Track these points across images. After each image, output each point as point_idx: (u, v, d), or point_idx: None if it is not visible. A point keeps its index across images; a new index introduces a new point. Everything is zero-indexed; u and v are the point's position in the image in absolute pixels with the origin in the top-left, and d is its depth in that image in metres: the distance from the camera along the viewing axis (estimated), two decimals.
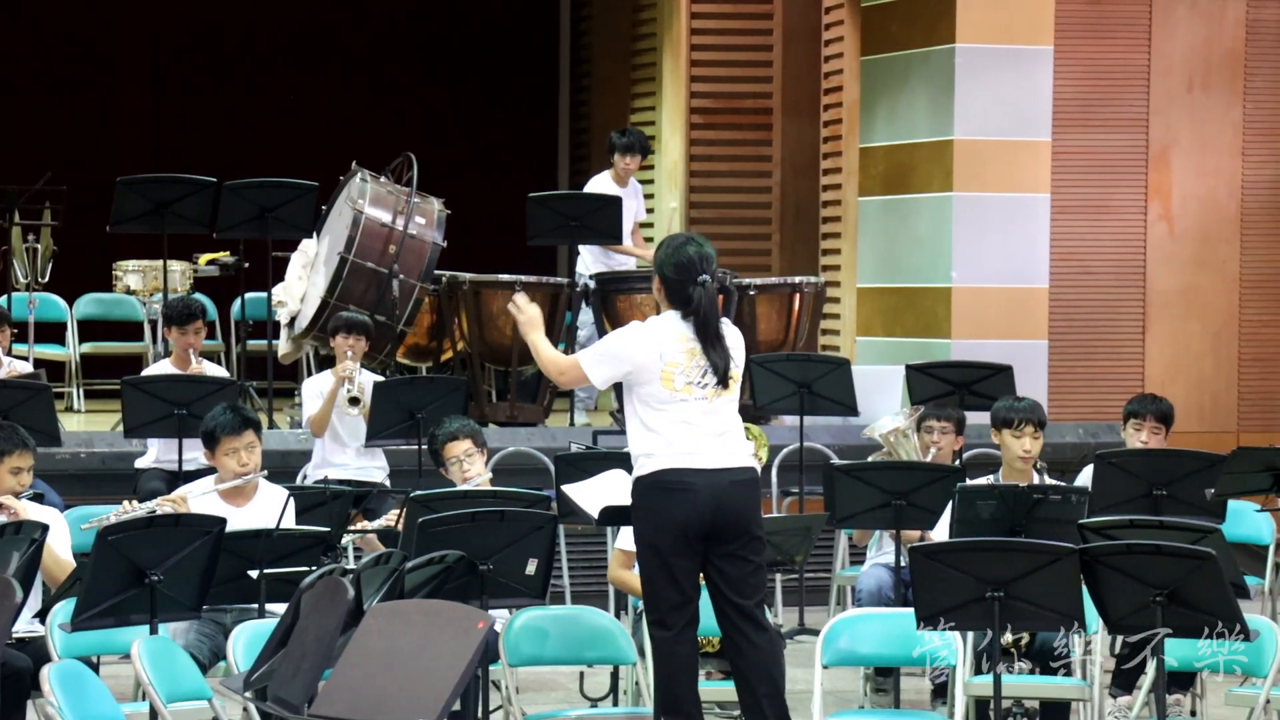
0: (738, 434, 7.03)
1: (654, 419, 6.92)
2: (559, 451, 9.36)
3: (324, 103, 15.08)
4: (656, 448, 6.91)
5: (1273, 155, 12.35)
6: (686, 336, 6.96)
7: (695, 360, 6.95)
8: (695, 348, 6.95)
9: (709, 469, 6.89)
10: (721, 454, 6.93)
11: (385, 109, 15.15)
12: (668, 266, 7.00)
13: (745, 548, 6.96)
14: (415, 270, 10.96)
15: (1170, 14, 12.18)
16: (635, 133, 12.27)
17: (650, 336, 7.00)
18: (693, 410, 6.91)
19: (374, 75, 15.29)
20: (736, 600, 6.96)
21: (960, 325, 11.81)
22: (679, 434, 6.89)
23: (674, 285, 6.99)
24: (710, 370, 6.93)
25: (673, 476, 6.88)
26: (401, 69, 15.42)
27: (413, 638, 4.99)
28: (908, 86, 12.12)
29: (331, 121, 14.91)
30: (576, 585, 9.81)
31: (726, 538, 6.92)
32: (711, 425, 6.93)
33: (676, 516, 6.86)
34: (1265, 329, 12.34)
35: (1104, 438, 10.95)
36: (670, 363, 6.92)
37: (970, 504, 7.76)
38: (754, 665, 6.94)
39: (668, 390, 6.92)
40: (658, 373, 6.92)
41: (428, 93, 15.47)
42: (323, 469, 9.77)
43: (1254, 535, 9.10)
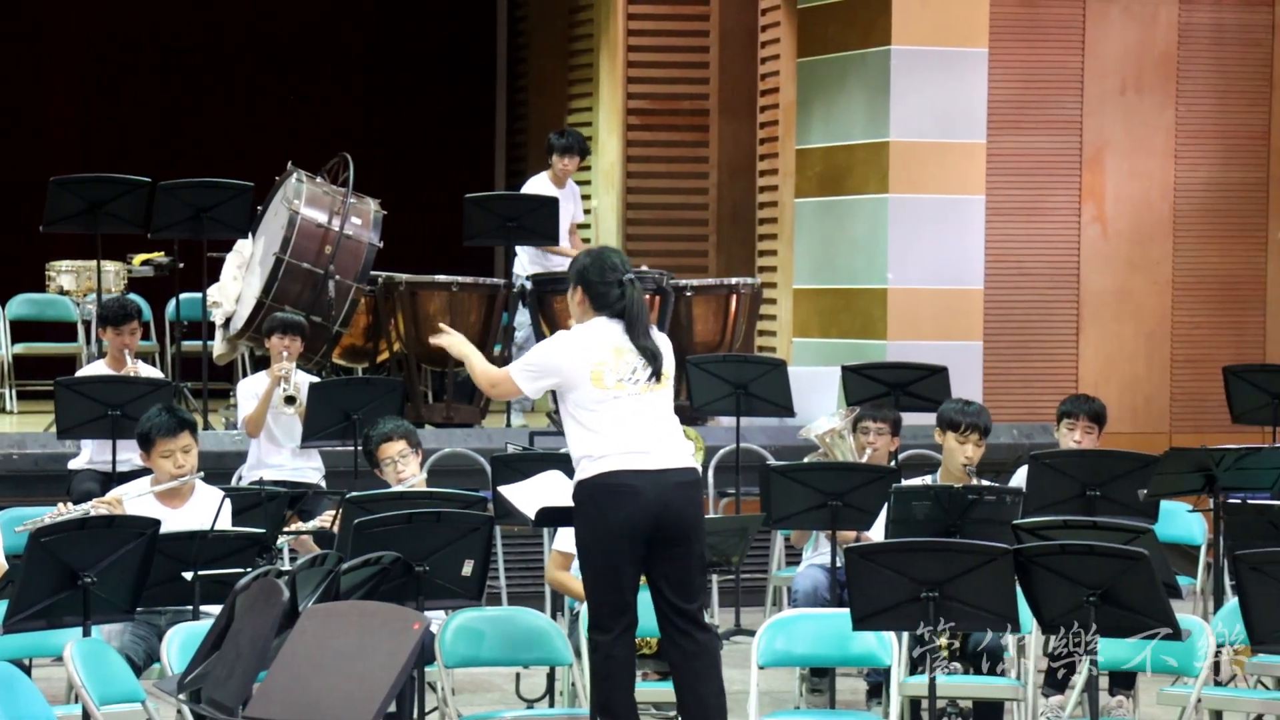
0: (676, 431, 7.03)
1: (590, 419, 6.92)
2: (495, 452, 9.35)
3: (259, 103, 15.02)
4: (596, 448, 6.90)
5: (1205, 157, 12.44)
6: (613, 336, 6.97)
7: (623, 358, 6.95)
8: (622, 345, 6.96)
9: (652, 469, 6.89)
10: (664, 453, 6.92)
11: (321, 109, 15.10)
12: (591, 272, 7.03)
13: (689, 550, 6.97)
14: (351, 271, 10.93)
15: (1103, 17, 12.25)
16: (574, 134, 12.27)
17: (575, 342, 7.01)
18: (627, 407, 6.91)
19: (310, 75, 15.24)
20: (679, 603, 6.96)
21: (896, 326, 11.85)
22: (618, 432, 6.89)
23: (599, 289, 7.00)
24: (640, 367, 6.94)
25: (616, 480, 6.86)
26: (338, 69, 15.37)
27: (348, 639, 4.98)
28: (844, 88, 12.15)
29: (267, 122, 14.85)
30: (513, 586, 9.80)
31: (671, 540, 6.92)
32: (649, 421, 6.93)
33: (622, 520, 6.85)
34: (1197, 330, 12.43)
35: (1038, 438, 11.00)
36: (598, 362, 6.93)
37: (905, 505, 7.79)
38: (695, 666, 6.95)
39: (599, 389, 6.92)
40: (587, 374, 6.93)
41: (364, 93, 15.43)
42: (258, 470, 9.74)
43: (1186, 535, 9.16)
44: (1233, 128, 12.45)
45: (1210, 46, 12.40)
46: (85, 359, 11.63)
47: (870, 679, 8.36)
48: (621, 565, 6.89)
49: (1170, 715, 7.45)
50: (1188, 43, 12.37)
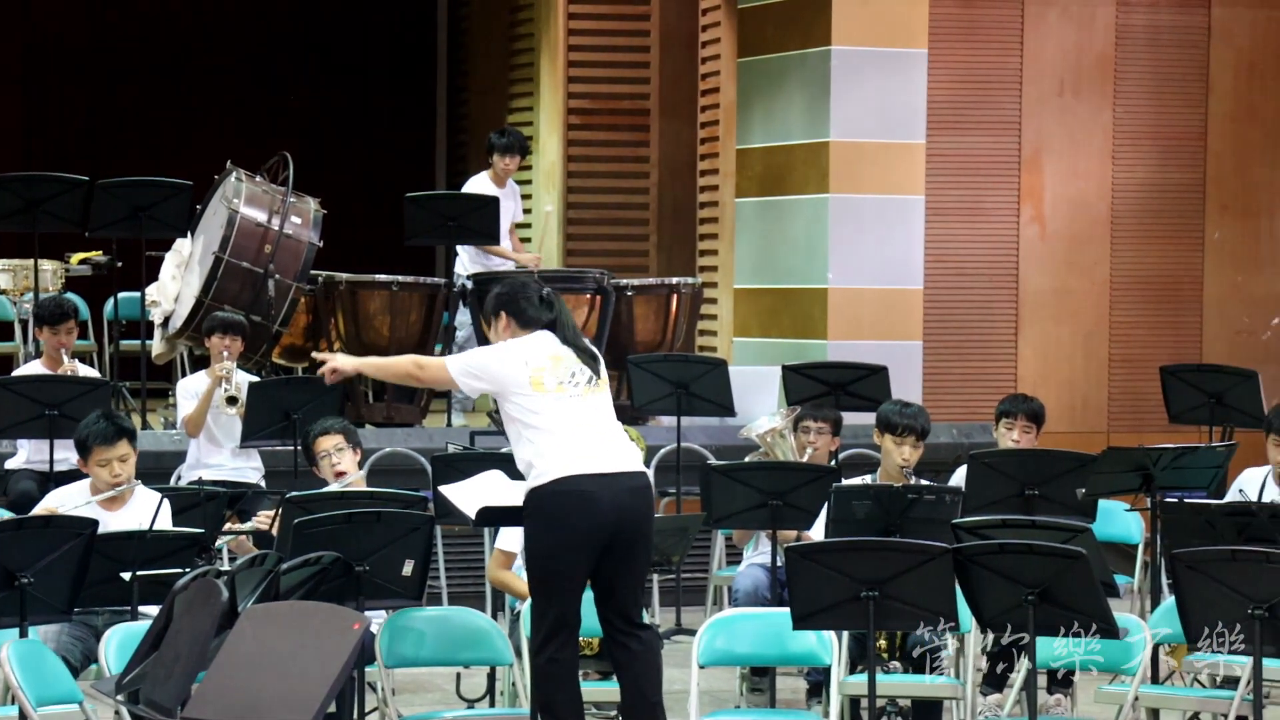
0: (621, 434, 7.03)
1: (536, 422, 6.89)
2: (436, 452, 9.34)
3: (199, 101, 14.96)
4: (546, 450, 6.84)
5: (1142, 158, 12.51)
6: (547, 346, 6.98)
7: (561, 364, 6.95)
8: (558, 353, 6.97)
9: (605, 474, 6.84)
10: (613, 456, 6.90)
11: (261, 108, 15.05)
12: (508, 298, 7.03)
13: (639, 556, 6.97)
14: (291, 270, 10.90)
15: (1042, 19, 12.32)
16: (514, 133, 12.26)
17: (514, 349, 7.00)
18: (572, 408, 6.90)
19: (250, 73, 15.19)
20: (625, 607, 6.95)
21: (836, 326, 11.89)
22: (565, 434, 6.86)
23: (522, 307, 7.02)
24: (578, 371, 6.94)
25: (571, 485, 6.81)
26: (279, 67, 15.32)
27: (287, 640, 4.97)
28: (784, 89, 12.18)
29: (206, 120, 14.80)
30: (454, 586, 9.79)
31: (624, 547, 6.89)
32: (594, 423, 6.92)
33: (580, 528, 6.81)
34: (1134, 330, 12.50)
35: (977, 438, 11.04)
36: (537, 367, 6.92)
37: (846, 504, 7.81)
38: (638, 667, 6.95)
39: (540, 393, 6.90)
40: (526, 380, 6.91)
41: (304, 92, 15.38)
42: (197, 470, 9.70)
43: (1124, 534, 9.21)
44: (1169, 129, 12.52)
45: (1147, 49, 12.48)
46: (22, 358, 11.55)
47: (810, 678, 8.38)
48: (574, 574, 6.87)
49: (1108, 713, 7.50)
50: (1125, 45, 12.44)
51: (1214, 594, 6.39)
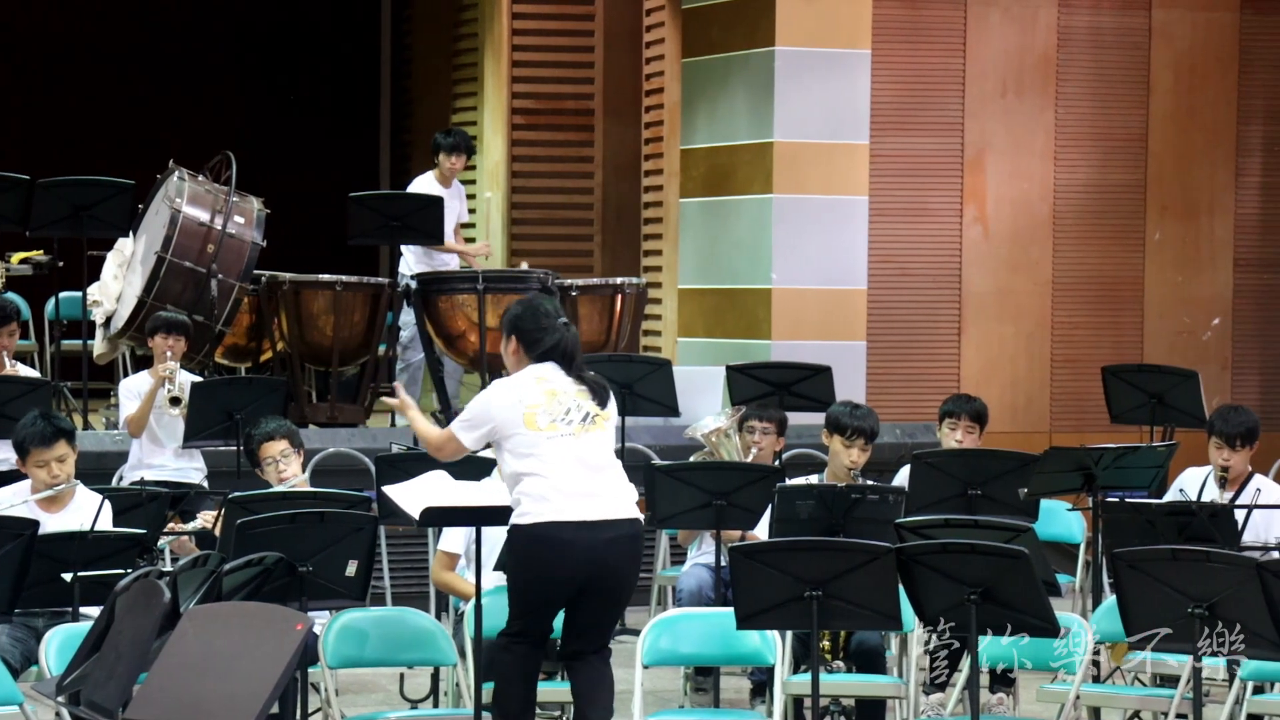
0: (617, 474, 6.91)
1: (527, 464, 6.81)
2: (380, 452, 9.32)
3: (141, 100, 14.89)
4: (530, 490, 6.79)
5: (1084, 159, 12.57)
6: (545, 378, 6.90)
7: (557, 399, 6.87)
8: (557, 388, 6.88)
9: (589, 521, 6.78)
10: (602, 503, 6.82)
11: (204, 106, 14.99)
12: (525, 320, 6.97)
13: (616, 601, 6.96)
14: (234, 270, 10.86)
15: (984, 20, 12.37)
16: (460, 133, 12.24)
17: (507, 388, 6.93)
18: (563, 447, 6.81)
19: (192, 72, 15.13)
20: (591, 636, 6.94)
21: (780, 326, 11.91)
22: (555, 475, 6.78)
23: (533, 335, 6.94)
24: (574, 408, 6.86)
25: (550, 532, 6.76)
26: (221, 66, 15.27)
27: (230, 640, 4.96)
28: (728, 89, 12.20)
29: (148, 119, 14.73)
30: (397, 587, 9.77)
31: (600, 592, 6.87)
32: (587, 463, 6.82)
33: (553, 575, 6.80)
34: (1076, 330, 12.56)
35: (921, 438, 11.08)
36: (531, 405, 6.84)
37: (790, 504, 7.83)
38: (592, 690, 6.94)
39: (533, 431, 6.81)
40: (520, 417, 6.83)
41: (247, 90, 15.33)
42: (139, 470, 9.66)
43: (1065, 534, 9.25)
44: (1111, 130, 12.59)
45: (1089, 50, 12.54)
46: None
47: (754, 678, 8.39)
48: (547, 609, 6.89)
49: (1050, 712, 7.53)
50: (1067, 46, 12.50)
51: (1154, 593, 6.42)
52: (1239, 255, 12.80)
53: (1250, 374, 12.78)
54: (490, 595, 7.13)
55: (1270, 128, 12.81)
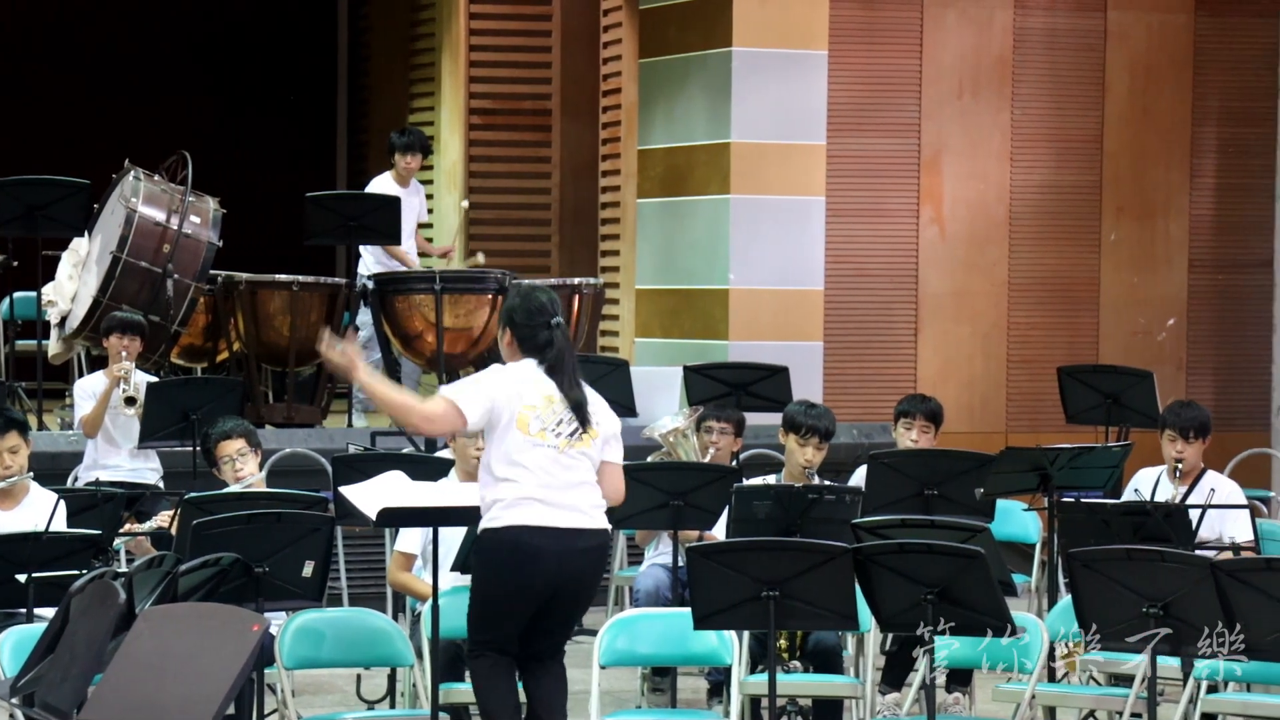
0: (592, 490, 6.84)
1: (504, 468, 6.75)
2: (337, 453, 9.30)
3: (96, 99, 14.83)
4: (504, 495, 6.74)
5: (1039, 160, 12.62)
6: (542, 382, 6.84)
7: (552, 407, 6.81)
8: (553, 394, 6.83)
9: (558, 529, 6.73)
10: (572, 512, 6.77)
11: (160, 106, 14.94)
12: (518, 313, 6.89)
13: (576, 612, 6.95)
14: (190, 270, 10.83)
15: (940, 22, 12.40)
16: (415, 132, 12.23)
17: (511, 378, 6.84)
18: (545, 457, 6.76)
19: (148, 71, 15.07)
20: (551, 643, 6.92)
21: (737, 327, 11.92)
22: (531, 482, 6.73)
23: (525, 331, 6.87)
24: (566, 420, 6.79)
25: (520, 537, 6.71)
26: (176, 64, 15.22)
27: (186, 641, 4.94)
28: (685, 89, 12.21)
29: (104, 118, 14.67)
30: (354, 587, 9.75)
31: (563, 603, 6.85)
32: (565, 477, 6.77)
33: (521, 581, 6.76)
34: (1032, 331, 12.60)
35: (878, 438, 11.10)
36: (527, 405, 6.77)
37: (747, 504, 7.84)
38: (547, 696, 6.94)
39: (522, 434, 6.75)
40: (514, 415, 6.76)
41: (203, 90, 15.28)
42: (94, 471, 9.62)
43: (1021, 534, 9.29)
44: (1066, 131, 12.64)
45: (1044, 51, 12.58)
46: None
47: (711, 678, 8.40)
48: (511, 617, 6.83)
49: (1005, 711, 7.56)
50: (1022, 47, 12.54)
51: (1110, 593, 6.45)
52: (1194, 256, 12.86)
53: (1205, 374, 12.84)
54: (447, 596, 7.12)
55: (1224, 129, 12.87)
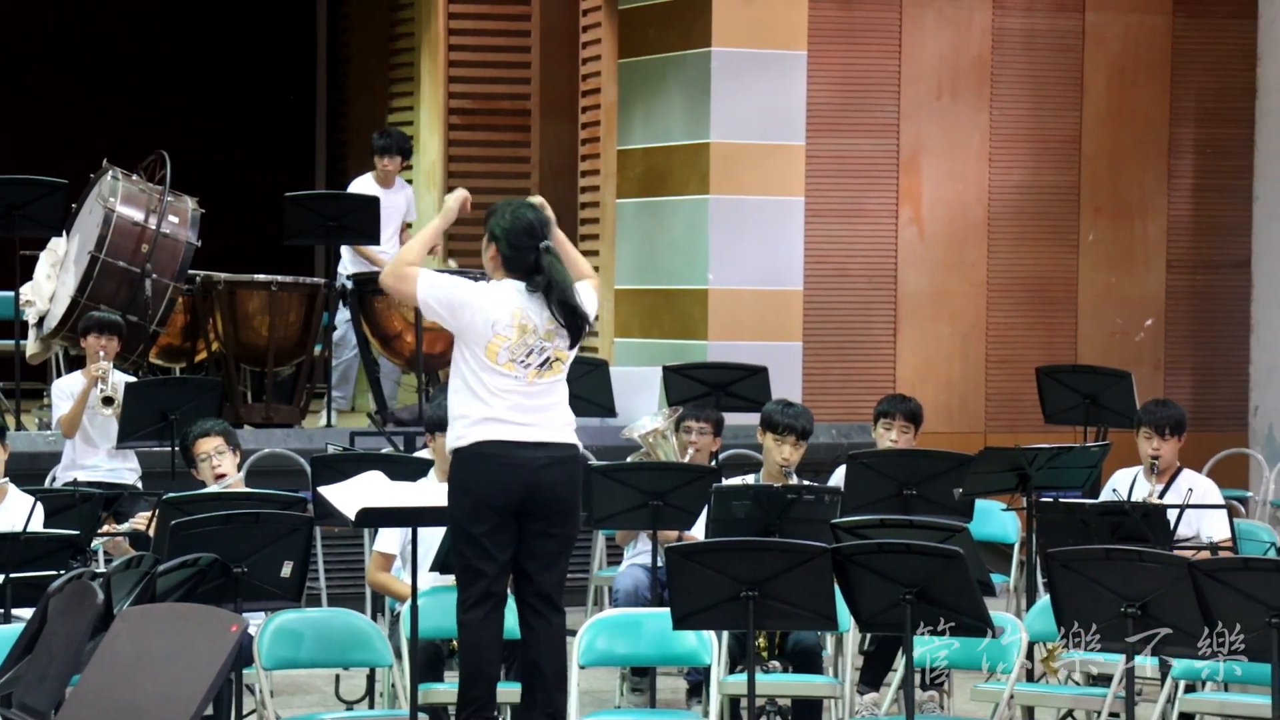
0: (560, 410, 6.96)
1: (474, 383, 6.87)
2: (315, 453, 9.29)
3: (75, 99, 14.80)
4: (469, 413, 6.87)
5: (1018, 161, 12.63)
6: (523, 310, 6.87)
7: (524, 338, 6.89)
8: (529, 324, 6.88)
9: (525, 442, 6.85)
10: (540, 429, 6.89)
11: (138, 106, 14.92)
12: (507, 230, 6.88)
13: (559, 529, 6.96)
14: (168, 270, 10.81)
15: (919, 22, 12.41)
16: (395, 134, 12.21)
17: (490, 301, 6.88)
18: (510, 386, 6.87)
19: (127, 71, 15.05)
20: (541, 583, 6.94)
21: (717, 327, 11.93)
22: (494, 409, 6.85)
23: (511, 252, 6.89)
24: (537, 350, 6.87)
25: (486, 449, 6.83)
26: (156, 65, 15.19)
27: (164, 642, 4.94)
28: (664, 90, 12.21)
29: (82, 118, 14.64)
30: (333, 588, 9.74)
31: (542, 517, 6.91)
32: (528, 405, 6.89)
33: (490, 489, 6.83)
34: (1011, 331, 12.62)
35: (857, 438, 11.11)
36: (499, 335, 6.86)
37: (726, 504, 7.84)
38: (545, 649, 6.95)
39: (489, 361, 6.86)
40: (484, 340, 6.85)
41: (182, 89, 15.26)
42: (73, 471, 9.61)
43: (1000, 534, 9.30)
44: (1045, 132, 12.66)
45: (1023, 52, 12.60)
46: None
47: (690, 678, 8.40)
48: (485, 538, 6.84)
49: (984, 711, 7.57)
50: (1001, 48, 12.56)
51: (1088, 592, 6.46)
52: (1172, 256, 12.89)
53: (1183, 375, 12.87)
54: (426, 596, 7.12)
55: (1202, 130, 12.90)
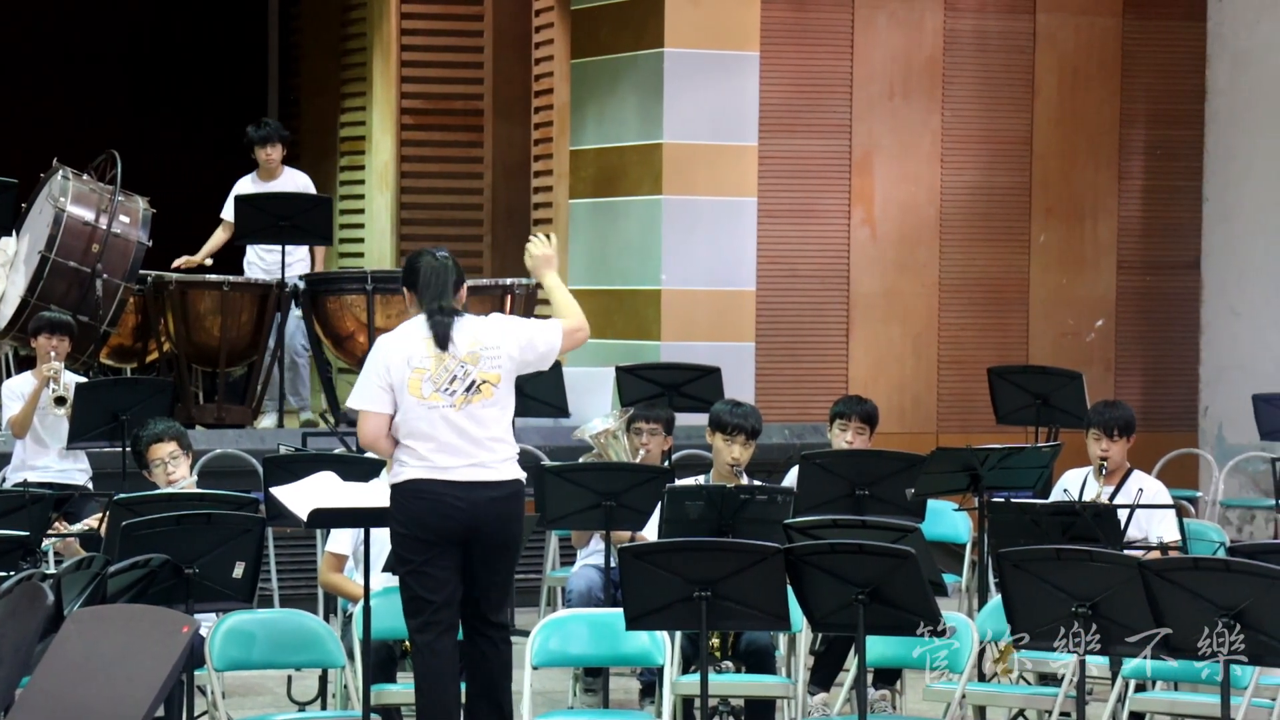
0: (500, 445, 6.93)
1: (405, 434, 6.86)
2: (267, 453, 9.27)
3: (24, 97, 14.74)
4: (402, 455, 6.88)
5: (969, 162, 12.67)
6: (430, 339, 6.93)
7: (444, 364, 6.91)
8: (441, 351, 6.92)
9: (463, 482, 6.84)
10: (477, 468, 6.86)
11: (88, 105, 14.86)
12: (407, 270, 7.07)
13: (503, 563, 6.98)
14: (119, 270, 10.78)
15: (871, 23, 12.44)
16: (270, 122, 12.03)
17: (396, 344, 6.95)
18: (441, 419, 6.85)
19: (77, 70, 14.99)
20: (489, 614, 6.96)
21: (669, 327, 11.94)
22: (426, 448, 6.83)
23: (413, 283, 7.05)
24: (460, 376, 6.88)
25: (424, 486, 6.83)
26: (106, 64, 15.14)
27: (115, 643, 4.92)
28: (617, 90, 12.21)
29: (32, 117, 14.58)
30: (285, 589, 9.72)
31: (486, 551, 6.91)
32: (466, 435, 6.86)
33: (429, 523, 6.82)
34: (963, 332, 12.66)
35: (809, 439, 11.13)
36: (417, 369, 6.88)
37: (679, 504, 7.85)
38: (492, 669, 6.95)
39: (415, 398, 6.86)
40: (405, 381, 6.87)
41: (133, 89, 15.21)
42: (22, 472, 9.57)
43: (952, 534, 9.33)
44: (996, 133, 12.70)
45: (974, 53, 12.64)
46: None
47: (643, 678, 8.41)
48: (433, 571, 6.85)
49: (936, 710, 7.59)
50: (953, 49, 12.60)
51: (1039, 592, 6.48)
52: (1122, 258, 12.95)
53: (1133, 375, 12.93)
54: (378, 597, 7.11)
55: (1152, 131, 12.97)
